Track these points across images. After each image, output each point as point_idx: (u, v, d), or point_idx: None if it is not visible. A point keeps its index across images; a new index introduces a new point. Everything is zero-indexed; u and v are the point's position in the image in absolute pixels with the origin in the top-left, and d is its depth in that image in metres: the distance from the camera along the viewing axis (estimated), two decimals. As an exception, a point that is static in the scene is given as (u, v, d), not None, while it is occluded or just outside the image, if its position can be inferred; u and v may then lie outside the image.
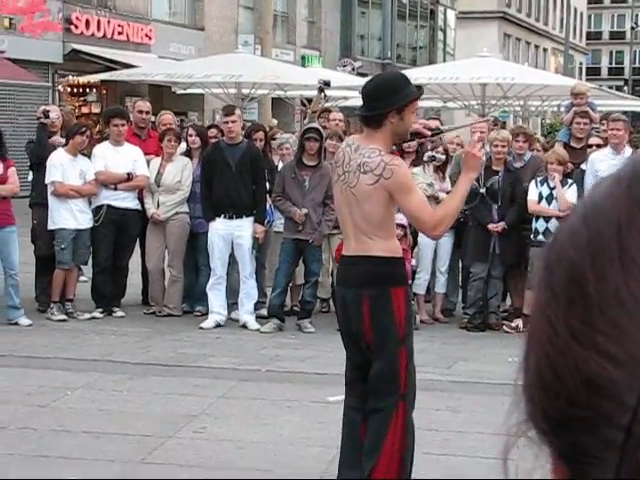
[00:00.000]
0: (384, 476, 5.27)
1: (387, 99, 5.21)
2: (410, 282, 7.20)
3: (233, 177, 10.70)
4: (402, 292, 5.34)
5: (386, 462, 5.28)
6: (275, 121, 21.39)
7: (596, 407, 0.63)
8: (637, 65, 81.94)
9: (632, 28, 68.64)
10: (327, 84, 12.95)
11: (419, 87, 5.49)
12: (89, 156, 11.28)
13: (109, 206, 11.10)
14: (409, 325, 5.47)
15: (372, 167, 5.19)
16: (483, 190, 10.63)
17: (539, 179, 10.84)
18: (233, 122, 10.84)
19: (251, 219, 10.85)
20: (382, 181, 5.17)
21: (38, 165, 11.20)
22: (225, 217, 10.79)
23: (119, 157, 11.20)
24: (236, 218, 10.79)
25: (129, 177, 11.16)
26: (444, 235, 8.25)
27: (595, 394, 0.62)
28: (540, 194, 10.75)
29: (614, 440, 0.62)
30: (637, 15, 77.88)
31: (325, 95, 12.92)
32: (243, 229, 10.81)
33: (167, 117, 12.41)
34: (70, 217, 10.89)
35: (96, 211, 11.11)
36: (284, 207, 10.71)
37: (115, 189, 11.14)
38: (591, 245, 0.65)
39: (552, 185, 10.70)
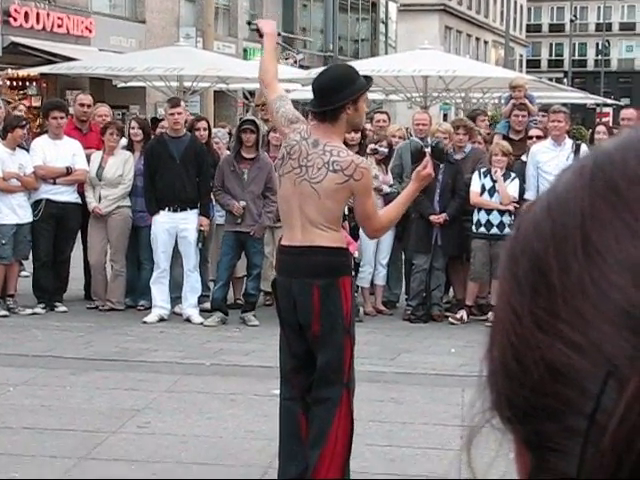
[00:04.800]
0: (330, 464, 5.31)
1: (344, 91, 5.29)
2: (354, 275, 7.23)
3: (177, 170, 10.65)
4: (349, 282, 5.42)
5: (331, 450, 5.32)
6: None
7: (560, 395, 0.63)
8: (576, 57, 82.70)
9: (571, 21, 69.28)
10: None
11: (367, 77, 5.57)
12: (28, 149, 11.16)
13: (48, 200, 11.00)
14: (354, 315, 5.54)
15: (343, 167, 5.27)
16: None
17: (482, 171, 10.90)
18: (179, 114, 10.80)
19: (195, 212, 10.82)
20: (351, 182, 5.27)
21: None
22: (169, 210, 10.75)
23: (58, 151, 11.08)
24: (180, 211, 10.76)
25: (68, 171, 11.06)
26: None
27: (559, 382, 0.63)
28: (483, 186, 10.82)
29: (578, 428, 0.62)
30: (576, 8, 78.73)
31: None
32: (188, 222, 10.78)
33: (103, 109, 12.30)
34: (10, 212, 10.79)
35: (35, 205, 11.00)
36: (223, 200, 10.68)
37: (54, 183, 11.03)
38: (555, 236, 0.66)
39: (495, 178, 10.77)
